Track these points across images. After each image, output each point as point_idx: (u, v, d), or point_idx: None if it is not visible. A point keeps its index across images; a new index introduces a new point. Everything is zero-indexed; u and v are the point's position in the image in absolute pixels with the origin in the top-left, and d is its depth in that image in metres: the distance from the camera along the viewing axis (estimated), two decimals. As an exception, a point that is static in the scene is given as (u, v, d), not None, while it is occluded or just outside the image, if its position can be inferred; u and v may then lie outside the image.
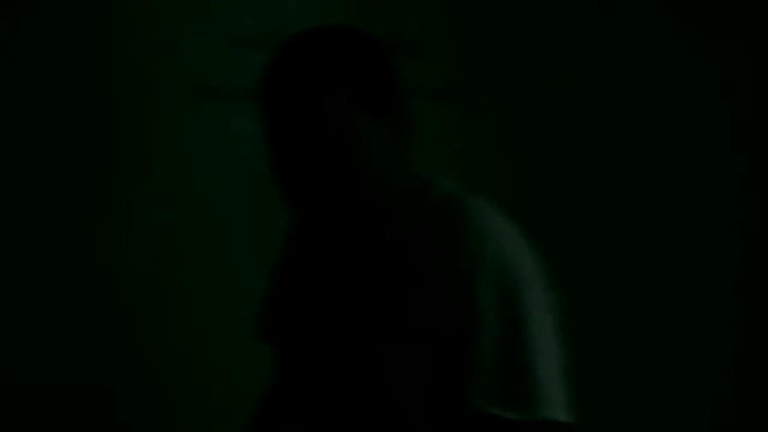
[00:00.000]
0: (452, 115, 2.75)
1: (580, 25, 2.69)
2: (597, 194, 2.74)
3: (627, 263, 2.73)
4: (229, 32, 2.51)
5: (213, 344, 2.58)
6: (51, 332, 2.47)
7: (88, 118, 2.50)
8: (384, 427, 1.49)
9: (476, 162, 2.73)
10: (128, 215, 2.53)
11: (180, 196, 2.57)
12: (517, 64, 2.73)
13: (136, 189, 2.54)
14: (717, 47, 2.60)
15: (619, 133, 2.70)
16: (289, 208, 1.51)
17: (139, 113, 2.53)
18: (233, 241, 2.56)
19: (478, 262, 1.44)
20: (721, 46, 2.60)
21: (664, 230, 2.71)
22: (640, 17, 2.64)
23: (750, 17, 2.59)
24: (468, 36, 2.73)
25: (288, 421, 1.71)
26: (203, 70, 2.45)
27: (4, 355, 2.45)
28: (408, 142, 1.52)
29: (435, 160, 2.66)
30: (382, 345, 1.49)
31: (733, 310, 2.71)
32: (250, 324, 1.76)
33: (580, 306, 2.58)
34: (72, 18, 2.47)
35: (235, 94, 2.51)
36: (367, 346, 1.50)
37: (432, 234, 1.49)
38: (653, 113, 2.67)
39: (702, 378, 2.71)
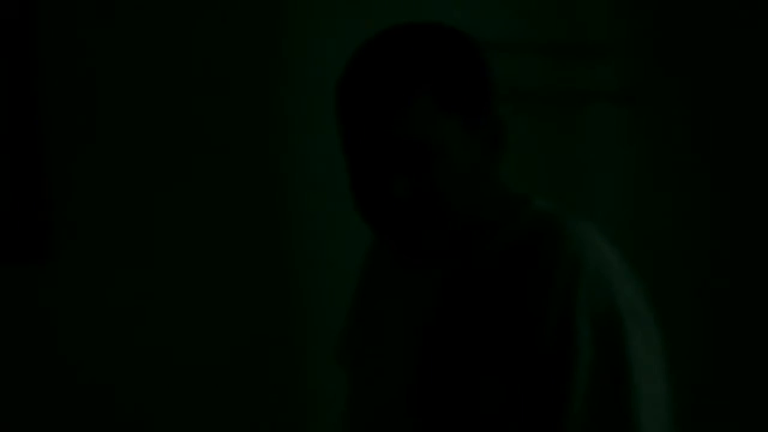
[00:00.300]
0: (634, 118, 2.69)
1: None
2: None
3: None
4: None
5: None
6: (230, 327, 2.48)
7: (267, 121, 2.50)
8: None
9: (658, 167, 2.68)
10: (309, 216, 2.53)
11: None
12: (701, 66, 2.67)
13: (313, 191, 2.53)
14: None
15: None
16: (369, 227, 1.38)
17: (312, 115, 2.50)
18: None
19: (572, 293, 1.30)
20: None
21: None
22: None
23: None
24: (651, 38, 2.68)
25: None
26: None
27: (189, 349, 2.46)
28: (500, 153, 1.39)
29: (617, 163, 2.65)
30: (467, 376, 1.36)
31: None
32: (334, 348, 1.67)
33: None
34: (251, 19, 2.47)
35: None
36: (452, 376, 1.37)
37: (524, 258, 1.36)
38: None
39: None
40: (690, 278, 2.67)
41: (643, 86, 2.68)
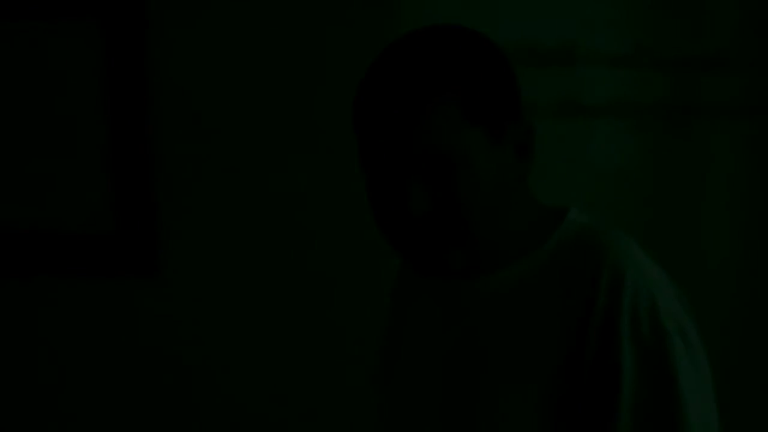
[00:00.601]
0: (757, 133, 2.57)
1: None
2: None
3: None
4: (516, 46, 2.46)
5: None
6: (331, 333, 2.51)
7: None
8: None
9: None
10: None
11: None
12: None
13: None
14: None
15: None
16: (389, 243, 1.31)
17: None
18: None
19: (614, 311, 1.22)
20: None
21: None
22: None
23: None
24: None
25: None
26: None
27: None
28: (528, 163, 1.30)
29: (741, 180, 2.55)
30: (503, 407, 1.29)
31: None
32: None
33: None
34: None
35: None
36: (492, 397, 1.30)
37: (562, 274, 1.27)
38: None
39: None
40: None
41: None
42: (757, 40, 2.55)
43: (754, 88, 2.54)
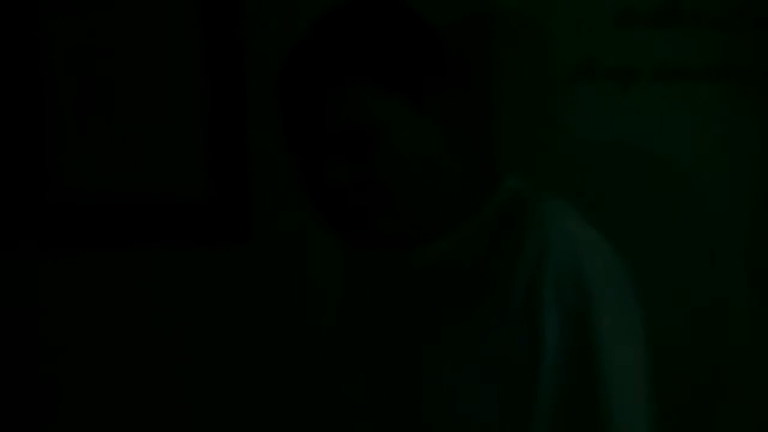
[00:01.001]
0: None
1: None
2: None
3: None
4: (617, 7, 2.39)
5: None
6: None
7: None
8: None
9: None
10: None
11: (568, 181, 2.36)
12: None
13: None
14: None
15: None
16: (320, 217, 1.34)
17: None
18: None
19: (541, 278, 1.24)
20: None
21: None
22: None
23: None
24: None
25: None
26: (590, 48, 2.35)
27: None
28: (455, 132, 1.31)
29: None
30: (439, 377, 1.32)
31: None
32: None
33: None
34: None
35: (619, 73, 2.39)
36: (420, 378, 1.34)
37: (490, 245, 1.30)
38: None
39: None
40: None
41: None
42: None
43: None
